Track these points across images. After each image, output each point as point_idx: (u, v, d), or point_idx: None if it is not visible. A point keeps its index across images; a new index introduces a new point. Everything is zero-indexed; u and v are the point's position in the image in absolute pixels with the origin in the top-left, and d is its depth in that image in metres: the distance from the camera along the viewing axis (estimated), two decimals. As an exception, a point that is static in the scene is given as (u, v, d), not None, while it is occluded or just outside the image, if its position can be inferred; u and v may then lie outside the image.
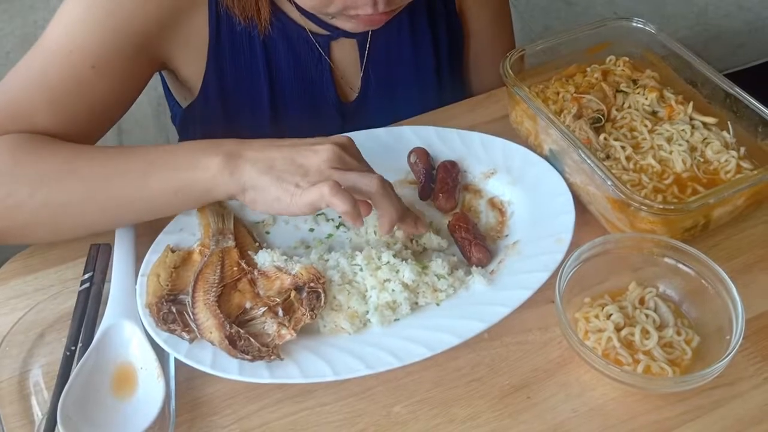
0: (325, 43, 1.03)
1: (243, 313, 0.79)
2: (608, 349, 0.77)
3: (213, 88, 1.03)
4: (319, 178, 0.78)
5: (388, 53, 1.08)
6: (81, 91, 0.89)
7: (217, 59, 1.00)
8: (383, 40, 1.07)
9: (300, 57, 1.03)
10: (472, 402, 0.76)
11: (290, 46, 1.02)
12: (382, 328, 0.79)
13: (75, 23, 0.89)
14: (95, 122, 0.91)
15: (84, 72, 0.89)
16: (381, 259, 0.83)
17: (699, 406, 0.75)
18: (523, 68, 1.03)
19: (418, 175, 0.96)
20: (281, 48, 1.01)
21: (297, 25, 1.01)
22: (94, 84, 0.89)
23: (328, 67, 1.05)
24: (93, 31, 0.88)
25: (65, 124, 0.88)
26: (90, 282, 0.85)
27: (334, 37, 1.03)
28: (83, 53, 0.88)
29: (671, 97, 0.99)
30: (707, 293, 0.79)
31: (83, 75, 0.89)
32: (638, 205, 0.81)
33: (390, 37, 1.07)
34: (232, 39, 0.99)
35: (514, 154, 0.97)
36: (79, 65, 0.88)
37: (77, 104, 0.89)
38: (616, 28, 1.05)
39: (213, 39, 0.98)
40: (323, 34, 1.02)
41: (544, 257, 0.83)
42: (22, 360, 0.81)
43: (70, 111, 0.89)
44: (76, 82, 0.89)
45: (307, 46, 1.02)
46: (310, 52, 1.03)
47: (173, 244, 0.86)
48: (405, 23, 1.08)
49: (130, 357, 0.79)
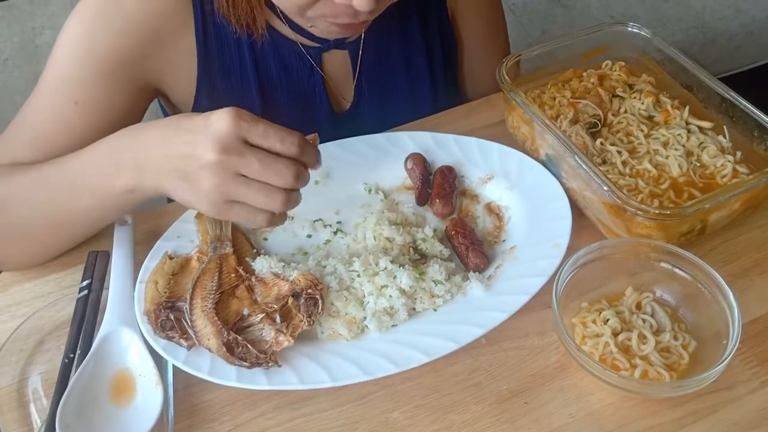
0: (316, 55, 1.03)
1: (241, 320, 0.79)
2: (605, 354, 0.77)
3: (205, 105, 1.02)
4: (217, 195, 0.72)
5: (380, 62, 1.08)
6: (63, 128, 0.91)
7: (208, 78, 1.00)
8: (375, 50, 1.07)
9: (292, 70, 1.03)
10: (469, 407, 0.76)
11: (281, 59, 1.02)
12: (380, 334, 0.79)
13: (59, 62, 0.91)
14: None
15: (67, 108, 0.91)
16: (378, 265, 0.83)
17: (696, 411, 0.75)
18: (519, 73, 1.04)
19: (414, 181, 0.96)
20: (272, 62, 1.01)
21: (288, 40, 1.01)
22: (76, 120, 0.91)
23: (321, 79, 1.05)
24: (73, 68, 0.91)
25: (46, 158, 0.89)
26: (88, 289, 0.85)
27: (325, 49, 1.03)
28: (66, 91, 0.91)
29: (667, 102, 0.99)
30: (704, 298, 0.79)
31: (66, 112, 0.91)
32: (634, 210, 0.81)
33: (381, 46, 1.07)
34: (221, 56, 0.99)
35: (511, 159, 0.97)
36: (61, 102, 0.91)
37: (56, 139, 0.91)
38: (612, 33, 1.06)
39: (201, 58, 0.98)
40: (314, 47, 1.02)
41: (541, 262, 0.83)
42: (21, 367, 0.81)
43: (49, 145, 0.91)
44: (58, 119, 0.91)
45: (298, 59, 1.02)
46: (302, 65, 1.03)
47: (171, 251, 0.87)
48: (396, 31, 1.08)
49: (128, 364, 0.79)
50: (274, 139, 0.72)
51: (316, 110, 1.07)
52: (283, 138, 0.72)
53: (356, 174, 0.97)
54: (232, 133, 0.71)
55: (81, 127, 0.92)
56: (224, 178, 0.71)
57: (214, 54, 0.98)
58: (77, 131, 0.91)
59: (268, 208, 0.74)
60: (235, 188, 0.72)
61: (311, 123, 1.07)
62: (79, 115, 0.91)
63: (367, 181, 0.97)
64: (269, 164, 0.72)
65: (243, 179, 0.72)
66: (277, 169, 0.72)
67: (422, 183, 0.95)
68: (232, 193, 0.72)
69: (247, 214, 0.74)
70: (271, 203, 0.73)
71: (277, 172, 0.72)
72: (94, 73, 0.91)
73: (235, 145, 0.71)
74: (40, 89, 0.93)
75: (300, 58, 1.02)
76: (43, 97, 0.92)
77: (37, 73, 2.39)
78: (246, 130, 0.71)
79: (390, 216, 0.91)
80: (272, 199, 0.73)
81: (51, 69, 0.92)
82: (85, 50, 0.90)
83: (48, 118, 0.92)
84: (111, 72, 0.92)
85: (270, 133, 0.72)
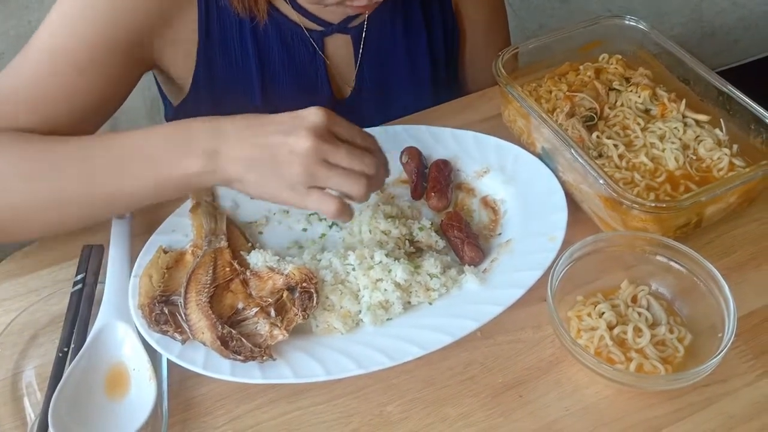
0: (319, 39, 1.03)
1: (235, 314, 0.79)
2: (601, 348, 0.77)
3: (203, 85, 1.02)
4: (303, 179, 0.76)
5: (383, 49, 1.08)
6: (63, 92, 0.89)
7: (207, 57, 1.00)
8: (378, 36, 1.07)
9: (294, 53, 1.03)
10: (464, 401, 0.76)
11: (283, 42, 1.01)
12: (375, 328, 0.79)
13: (63, 24, 0.89)
14: (79, 122, 0.91)
15: (67, 73, 0.89)
16: (374, 259, 0.83)
17: (692, 404, 0.75)
18: (517, 67, 1.03)
19: (410, 175, 0.95)
20: (274, 44, 1.01)
21: (291, 22, 1.00)
22: (76, 85, 0.89)
23: (323, 64, 1.05)
24: (80, 33, 0.88)
25: (47, 124, 0.88)
26: (82, 283, 0.85)
27: (328, 33, 1.03)
28: (68, 54, 0.88)
29: (664, 95, 0.99)
30: (699, 291, 0.79)
31: (66, 76, 0.89)
32: (630, 204, 0.81)
33: (384, 32, 1.07)
34: (222, 36, 0.99)
35: (508, 152, 0.97)
36: (62, 66, 0.88)
37: (59, 105, 0.89)
38: (609, 26, 1.05)
39: (203, 37, 0.98)
40: (317, 30, 1.02)
41: (537, 255, 0.83)
42: (15, 361, 0.81)
43: (51, 111, 0.89)
44: (58, 83, 0.89)
45: (301, 42, 1.02)
46: (305, 49, 1.03)
47: (165, 245, 0.86)
48: (400, 20, 1.07)
49: (122, 358, 0.79)
50: (356, 135, 0.80)
51: (317, 95, 1.07)
52: (364, 136, 0.81)
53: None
54: (325, 124, 0.77)
55: (83, 91, 0.90)
56: (314, 163, 0.75)
57: (215, 33, 0.98)
58: (78, 96, 0.90)
59: (352, 192, 0.78)
60: (324, 172, 0.76)
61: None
62: (84, 84, 0.89)
63: (363, 174, 0.97)
64: (356, 154, 0.78)
65: (330, 164, 0.76)
66: (361, 157, 0.78)
67: (417, 177, 0.94)
68: (320, 177, 0.76)
69: (321, 200, 0.77)
70: (355, 187, 0.77)
71: (362, 159, 0.78)
72: (101, 41, 0.89)
73: (326, 134, 0.77)
74: (34, 54, 0.89)
75: (303, 41, 1.02)
76: (42, 63, 0.88)
77: (33, 67, 2.39)
78: (335, 123, 0.78)
79: (385, 209, 0.90)
80: (356, 183, 0.77)
81: (49, 37, 0.89)
82: (95, 14, 0.88)
83: (50, 84, 0.88)
84: (117, 40, 0.90)
85: (354, 130, 0.80)
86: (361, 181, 0.77)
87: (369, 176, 0.78)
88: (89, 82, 0.90)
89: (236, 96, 1.04)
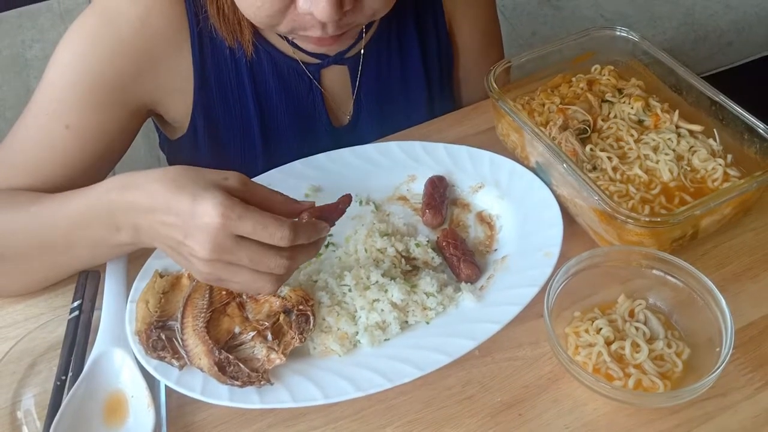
0: (316, 71, 1.03)
1: (232, 338, 0.78)
2: (599, 364, 0.76)
3: (201, 123, 1.01)
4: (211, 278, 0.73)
5: (380, 76, 1.08)
6: (55, 151, 0.90)
7: (204, 96, 0.99)
8: (375, 64, 1.06)
9: (290, 86, 1.02)
10: (463, 421, 0.76)
11: (279, 76, 1.01)
12: (372, 349, 0.79)
13: (52, 84, 0.90)
14: (77, 178, 0.91)
15: (58, 132, 0.90)
16: (370, 279, 0.83)
17: (691, 419, 0.75)
18: (509, 80, 1.03)
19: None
20: (270, 79, 1.00)
21: (286, 56, 1.00)
22: (67, 143, 0.90)
23: (320, 95, 1.05)
24: (66, 92, 0.90)
25: (42, 184, 0.89)
26: (79, 310, 0.84)
27: (325, 65, 1.03)
28: (57, 114, 0.90)
29: (657, 106, 0.99)
30: (697, 305, 0.79)
31: (57, 135, 0.90)
32: (625, 218, 0.81)
33: (381, 59, 1.07)
34: (218, 75, 0.98)
35: (502, 167, 0.97)
36: (52, 126, 0.90)
37: (52, 164, 0.90)
38: (600, 37, 1.05)
39: (198, 77, 0.97)
40: (314, 63, 1.02)
41: (533, 272, 0.83)
42: (14, 390, 0.81)
43: (44, 171, 0.90)
44: (49, 144, 0.90)
45: (297, 76, 1.02)
46: (301, 81, 1.02)
47: (161, 269, 0.86)
48: (395, 43, 1.07)
49: (120, 385, 0.78)
50: (263, 235, 0.70)
51: (315, 125, 1.07)
52: (272, 234, 0.69)
53: (347, 186, 0.96)
54: (221, 231, 0.68)
55: (72, 151, 0.91)
56: (215, 268, 0.71)
57: (210, 72, 0.97)
58: (68, 155, 0.91)
59: (259, 291, 0.75)
60: (227, 275, 0.72)
61: (310, 138, 1.07)
62: (71, 139, 0.90)
63: (358, 192, 0.96)
64: (259, 259, 0.70)
65: (234, 266, 0.71)
66: (266, 262, 0.71)
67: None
68: (225, 278, 0.73)
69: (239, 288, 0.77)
70: (262, 287, 0.73)
71: (267, 261, 0.71)
72: (87, 97, 0.90)
73: (224, 243, 0.69)
74: (30, 110, 0.91)
75: (298, 74, 1.02)
76: (34, 119, 0.91)
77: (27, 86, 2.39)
78: (234, 227, 0.69)
79: (381, 227, 0.90)
80: (263, 283, 0.73)
81: (42, 90, 0.91)
82: (78, 73, 0.89)
83: (39, 142, 0.90)
84: (104, 96, 0.91)
85: (258, 230, 0.69)
86: (268, 279, 0.72)
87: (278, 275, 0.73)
88: (80, 139, 0.91)
89: (234, 129, 1.03)
